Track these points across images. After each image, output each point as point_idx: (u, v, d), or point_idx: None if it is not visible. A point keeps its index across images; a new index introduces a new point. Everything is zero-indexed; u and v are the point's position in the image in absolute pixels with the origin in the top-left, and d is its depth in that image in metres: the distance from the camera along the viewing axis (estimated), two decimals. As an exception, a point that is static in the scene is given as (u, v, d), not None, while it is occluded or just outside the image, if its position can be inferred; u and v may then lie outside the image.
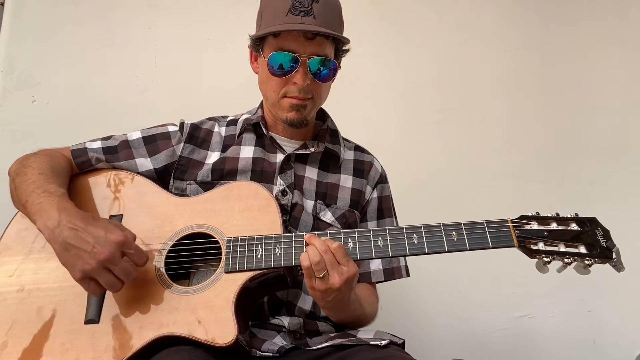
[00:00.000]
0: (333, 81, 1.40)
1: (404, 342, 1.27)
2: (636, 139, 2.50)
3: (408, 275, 1.48)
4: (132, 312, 1.14)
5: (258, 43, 1.35)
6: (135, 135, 1.43)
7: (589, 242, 1.12)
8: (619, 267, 1.10)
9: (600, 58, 2.59)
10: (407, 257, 1.47)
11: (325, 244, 1.11)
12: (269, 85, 1.34)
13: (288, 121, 1.35)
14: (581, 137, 2.49)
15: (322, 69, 1.30)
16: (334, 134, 1.50)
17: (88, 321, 1.14)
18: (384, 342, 1.16)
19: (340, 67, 1.37)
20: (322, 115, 1.53)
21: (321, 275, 1.10)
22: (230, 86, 2.18)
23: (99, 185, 1.36)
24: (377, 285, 1.49)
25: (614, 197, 2.36)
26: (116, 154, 1.40)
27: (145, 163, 1.40)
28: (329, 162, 1.46)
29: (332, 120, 1.53)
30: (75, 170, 1.39)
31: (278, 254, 1.16)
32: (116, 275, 1.09)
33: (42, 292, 1.19)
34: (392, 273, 1.45)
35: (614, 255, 1.10)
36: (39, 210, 1.15)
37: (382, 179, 1.52)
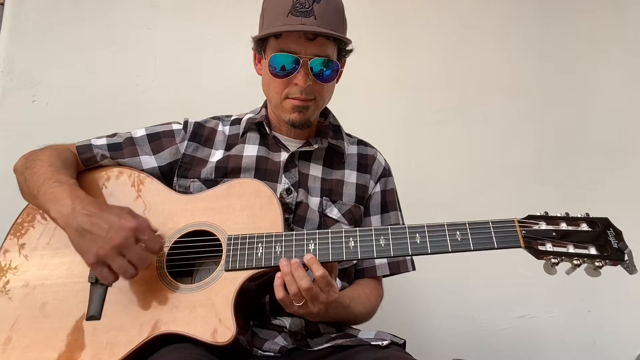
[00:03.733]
0: (337, 82, 1.40)
1: (404, 343, 1.27)
2: (636, 138, 2.50)
3: (414, 268, 1.47)
4: (133, 309, 1.15)
5: (260, 45, 1.35)
6: (139, 132, 1.44)
7: (600, 243, 1.08)
8: (631, 269, 1.07)
9: (600, 58, 2.59)
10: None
11: (307, 278, 1.09)
12: (271, 87, 1.34)
13: (290, 122, 1.34)
14: (581, 137, 2.48)
15: (323, 69, 1.29)
16: (336, 129, 1.50)
17: (89, 318, 1.15)
18: (385, 343, 1.16)
19: (343, 68, 1.37)
20: (324, 112, 1.52)
21: (299, 304, 1.10)
22: (231, 86, 2.18)
23: (104, 182, 1.36)
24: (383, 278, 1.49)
25: (614, 197, 2.36)
26: (120, 150, 1.40)
27: (149, 161, 1.40)
28: (333, 158, 1.46)
29: (333, 116, 1.53)
30: (81, 167, 1.39)
31: (279, 253, 1.16)
32: (131, 262, 1.09)
33: (45, 288, 1.20)
34: (397, 267, 1.45)
35: (626, 257, 1.06)
36: (52, 198, 1.16)
37: (386, 172, 1.52)
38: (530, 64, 2.55)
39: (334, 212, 1.38)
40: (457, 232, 1.13)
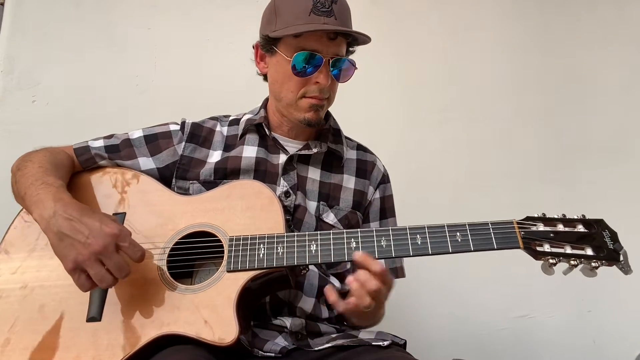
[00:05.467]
0: None
1: (405, 343, 1.27)
2: (636, 139, 2.51)
3: (404, 275, 1.48)
4: (133, 311, 1.14)
5: (271, 43, 1.34)
6: (136, 134, 1.43)
7: (596, 244, 1.10)
8: (626, 269, 1.08)
9: (600, 58, 2.60)
10: (403, 258, 1.47)
11: (374, 280, 1.09)
12: (286, 86, 1.33)
13: (306, 121, 1.34)
14: (581, 137, 2.49)
15: (342, 69, 1.32)
16: (336, 133, 1.50)
17: (90, 319, 1.14)
18: (385, 343, 1.16)
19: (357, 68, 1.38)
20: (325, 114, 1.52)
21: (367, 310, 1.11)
22: (230, 86, 2.17)
23: (103, 183, 1.36)
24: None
25: (614, 197, 2.37)
26: (118, 152, 1.40)
27: (147, 162, 1.40)
28: (332, 161, 1.45)
29: (334, 119, 1.53)
30: (78, 168, 1.39)
31: (280, 254, 1.15)
32: (109, 270, 1.08)
33: (44, 289, 1.19)
34: (395, 272, 1.45)
35: (622, 258, 1.08)
36: (36, 201, 1.15)
37: (385, 179, 1.52)
38: (531, 64, 2.56)
39: (330, 217, 1.38)
40: (458, 233, 1.14)
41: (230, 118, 1.51)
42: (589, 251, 1.10)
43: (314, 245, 1.16)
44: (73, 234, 1.07)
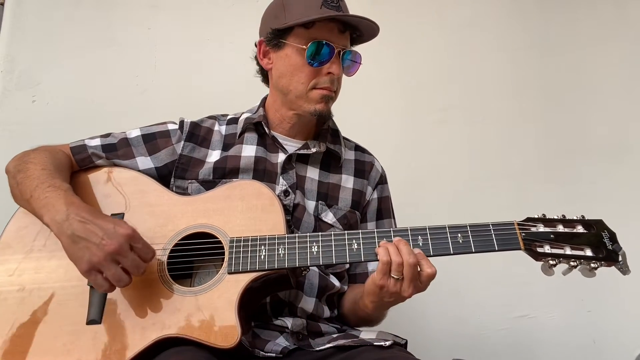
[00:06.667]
0: None
1: (406, 343, 1.27)
2: (636, 138, 2.51)
3: None
4: (134, 313, 1.14)
5: (279, 36, 1.34)
6: (134, 133, 1.42)
7: (595, 244, 1.11)
8: (624, 270, 1.09)
9: (600, 58, 2.59)
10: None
11: (414, 255, 1.10)
12: (296, 77, 1.34)
13: (317, 113, 1.35)
14: (581, 137, 2.48)
15: (352, 61, 1.35)
16: (334, 133, 1.50)
17: (90, 322, 1.13)
18: (387, 343, 1.16)
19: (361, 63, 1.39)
20: None
21: (397, 277, 1.10)
22: (230, 86, 2.17)
23: (101, 183, 1.35)
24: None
25: (614, 197, 2.36)
26: (115, 151, 1.39)
27: (145, 162, 1.39)
28: (330, 162, 1.45)
29: (333, 120, 1.52)
30: (75, 167, 1.38)
31: (282, 255, 1.15)
32: (125, 268, 1.09)
33: (43, 291, 1.18)
34: None
35: (620, 258, 1.09)
36: (45, 204, 1.14)
37: (382, 180, 1.52)
38: (531, 63, 2.55)
39: (329, 217, 1.38)
40: (459, 235, 1.14)
41: (229, 117, 1.50)
42: (588, 252, 1.11)
43: (316, 247, 1.16)
44: (88, 236, 1.08)
